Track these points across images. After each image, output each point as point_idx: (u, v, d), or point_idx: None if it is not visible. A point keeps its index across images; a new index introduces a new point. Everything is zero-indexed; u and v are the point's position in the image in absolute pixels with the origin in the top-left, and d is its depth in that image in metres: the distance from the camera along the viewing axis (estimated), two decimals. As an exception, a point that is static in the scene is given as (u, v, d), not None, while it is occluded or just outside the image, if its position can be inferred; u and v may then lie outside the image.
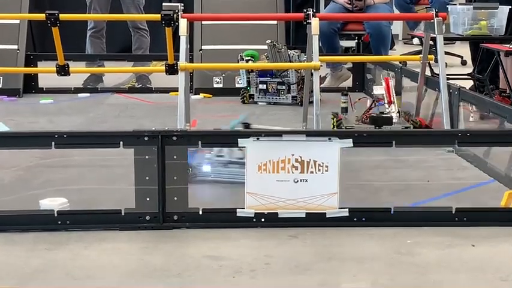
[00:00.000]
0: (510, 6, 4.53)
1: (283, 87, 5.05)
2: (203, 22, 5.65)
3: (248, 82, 5.11)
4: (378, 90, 4.06)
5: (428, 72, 4.54)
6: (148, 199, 2.47)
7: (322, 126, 3.51)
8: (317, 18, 3.67)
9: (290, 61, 4.91)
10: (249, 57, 5.01)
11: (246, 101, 5.12)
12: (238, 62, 5.00)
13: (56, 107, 5.01)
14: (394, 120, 3.88)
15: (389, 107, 3.94)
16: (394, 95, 4.03)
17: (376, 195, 2.87)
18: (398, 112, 3.94)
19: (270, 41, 4.93)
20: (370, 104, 4.04)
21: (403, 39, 10.29)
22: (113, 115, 4.45)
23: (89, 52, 5.86)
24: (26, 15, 5.49)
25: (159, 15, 3.75)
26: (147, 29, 5.94)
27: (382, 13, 5.50)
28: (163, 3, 3.89)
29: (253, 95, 5.12)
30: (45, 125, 4.29)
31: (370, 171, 3.22)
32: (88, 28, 5.85)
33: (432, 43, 4.05)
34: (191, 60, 5.04)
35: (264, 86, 5.08)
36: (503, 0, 4.60)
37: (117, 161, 3.06)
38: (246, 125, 3.37)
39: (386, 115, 3.89)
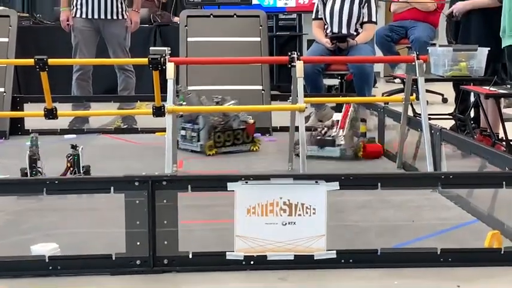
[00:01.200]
0: (489, 48, 4.64)
1: (194, 134, 4.80)
2: (189, 63, 5.72)
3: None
4: (337, 116, 4.69)
5: (410, 111, 4.63)
6: (138, 243, 2.50)
7: (308, 167, 3.56)
8: (301, 61, 3.75)
9: (201, 104, 4.71)
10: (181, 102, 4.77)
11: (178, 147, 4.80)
12: None
13: (42, 148, 4.94)
14: (337, 143, 4.50)
15: (337, 131, 4.55)
16: (348, 121, 4.58)
17: (363, 235, 2.92)
18: (344, 136, 4.53)
19: (179, 86, 4.79)
20: (320, 129, 4.68)
21: (384, 76, 10.44)
22: (101, 156, 4.48)
23: (75, 94, 5.90)
24: (15, 61, 5.53)
25: (147, 59, 3.82)
26: (132, 70, 6.00)
27: (365, 54, 5.61)
28: (151, 48, 3.96)
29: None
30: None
31: (357, 211, 3.27)
32: (74, 70, 5.89)
33: (413, 82, 4.15)
34: (177, 102, 5.09)
35: (184, 132, 4.85)
36: (483, 41, 4.72)
37: (106, 204, 3.09)
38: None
39: (329, 138, 4.54)
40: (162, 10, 8.31)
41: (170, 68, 3.67)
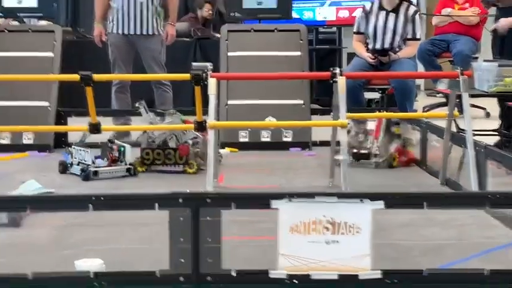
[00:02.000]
0: (534, 64, 4.58)
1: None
2: (229, 77, 5.74)
3: None
4: (370, 125, 4.76)
5: (453, 126, 4.57)
6: (182, 260, 2.50)
7: (349, 181, 3.53)
8: (344, 77, 3.74)
9: (151, 123, 4.65)
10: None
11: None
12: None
13: (85, 162, 5.06)
14: (373, 153, 4.64)
15: (373, 141, 4.67)
16: (383, 129, 4.70)
17: (408, 255, 2.88)
18: (378, 147, 4.65)
19: (138, 103, 4.75)
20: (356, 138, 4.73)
21: (425, 89, 10.34)
22: (142, 171, 4.51)
23: (114, 107, 5.98)
24: (61, 76, 5.61)
25: (189, 74, 3.85)
26: (169, 84, 6.04)
27: (407, 68, 5.55)
28: (193, 63, 3.98)
29: None
30: (76, 182, 4.34)
31: (401, 229, 3.23)
32: (113, 84, 5.98)
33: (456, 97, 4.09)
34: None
35: None
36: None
37: (149, 220, 3.10)
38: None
39: (364, 152, 4.66)
40: (203, 26, 8.38)
41: (212, 83, 3.70)
